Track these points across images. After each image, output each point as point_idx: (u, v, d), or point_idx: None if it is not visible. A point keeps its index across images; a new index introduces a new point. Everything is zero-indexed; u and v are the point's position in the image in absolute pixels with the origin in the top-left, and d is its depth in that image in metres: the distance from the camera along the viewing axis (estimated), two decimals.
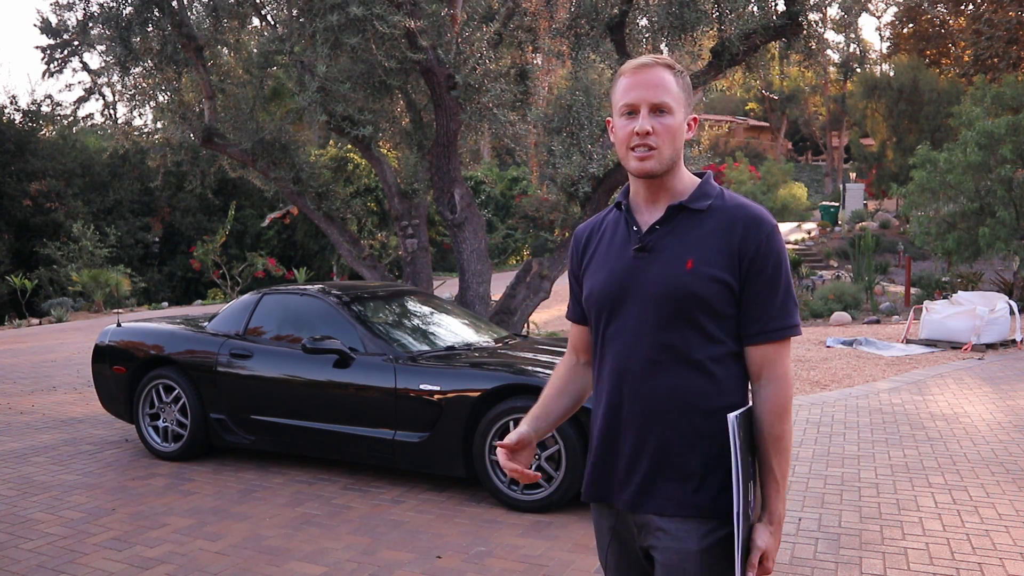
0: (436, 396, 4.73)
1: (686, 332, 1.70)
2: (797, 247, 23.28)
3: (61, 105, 27.15)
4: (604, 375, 1.80)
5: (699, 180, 1.81)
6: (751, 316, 1.72)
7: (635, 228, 1.78)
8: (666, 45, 7.75)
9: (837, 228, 26.29)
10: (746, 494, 1.66)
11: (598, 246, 1.85)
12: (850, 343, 10.27)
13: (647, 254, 1.74)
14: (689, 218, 1.74)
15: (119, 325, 6.08)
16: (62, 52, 8.47)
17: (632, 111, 1.73)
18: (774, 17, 7.33)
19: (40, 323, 16.55)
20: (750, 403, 1.76)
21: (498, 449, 1.87)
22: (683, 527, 1.69)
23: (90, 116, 37.22)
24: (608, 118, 1.84)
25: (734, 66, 7.79)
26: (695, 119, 1.81)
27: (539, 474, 2.02)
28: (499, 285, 9.47)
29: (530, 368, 4.71)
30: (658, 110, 1.72)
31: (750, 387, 1.78)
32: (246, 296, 5.95)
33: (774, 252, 1.72)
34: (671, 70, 1.75)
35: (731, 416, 1.65)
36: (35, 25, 8.46)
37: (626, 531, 1.80)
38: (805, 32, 7.47)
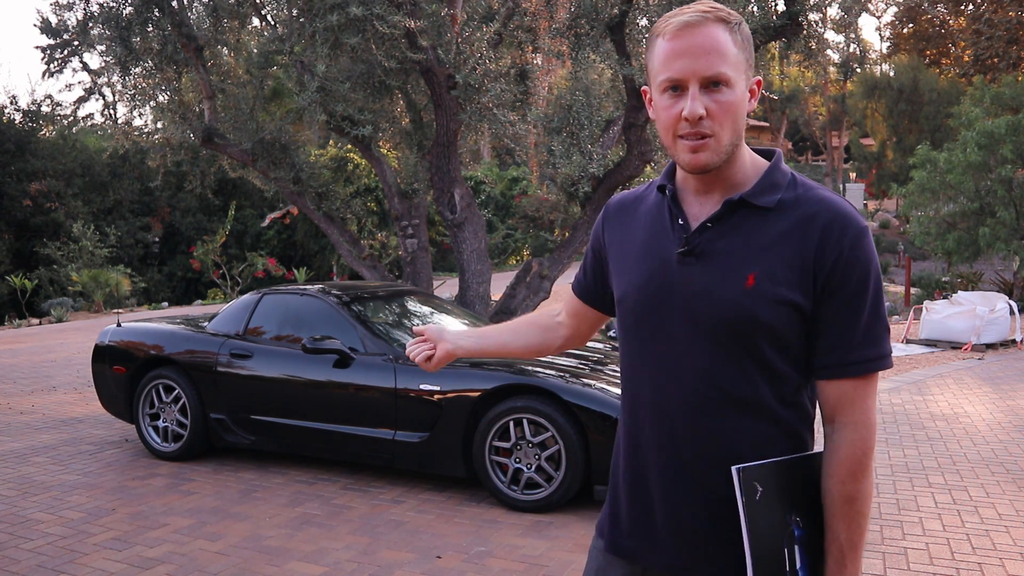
0: (436, 396, 4.73)
1: (744, 365, 1.35)
2: None
3: (61, 105, 27.18)
4: (640, 405, 1.45)
5: (766, 164, 1.42)
6: (827, 343, 1.34)
7: (680, 222, 1.40)
8: None
9: None
10: (781, 565, 1.33)
11: (632, 233, 1.49)
12: None
13: (695, 260, 1.37)
14: (752, 217, 1.36)
15: (119, 325, 6.08)
16: (62, 52, 8.47)
17: (677, 86, 1.33)
18: (774, 17, 7.33)
19: (40, 323, 16.55)
20: (813, 449, 1.43)
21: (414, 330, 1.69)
22: None
23: (90, 116, 37.27)
24: (644, 87, 1.45)
25: None
26: (759, 82, 1.40)
27: (429, 351, 1.74)
28: (499, 285, 9.48)
29: (530, 368, 4.71)
30: (712, 83, 1.32)
31: (822, 431, 1.42)
32: (246, 296, 5.95)
33: (861, 262, 1.32)
34: (726, 24, 1.33)
35: (735, 468, 1.32)
36: (35, 25, 8.47)
37: None
38: (805, 32, 7.47)
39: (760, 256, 1.34)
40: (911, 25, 34.96)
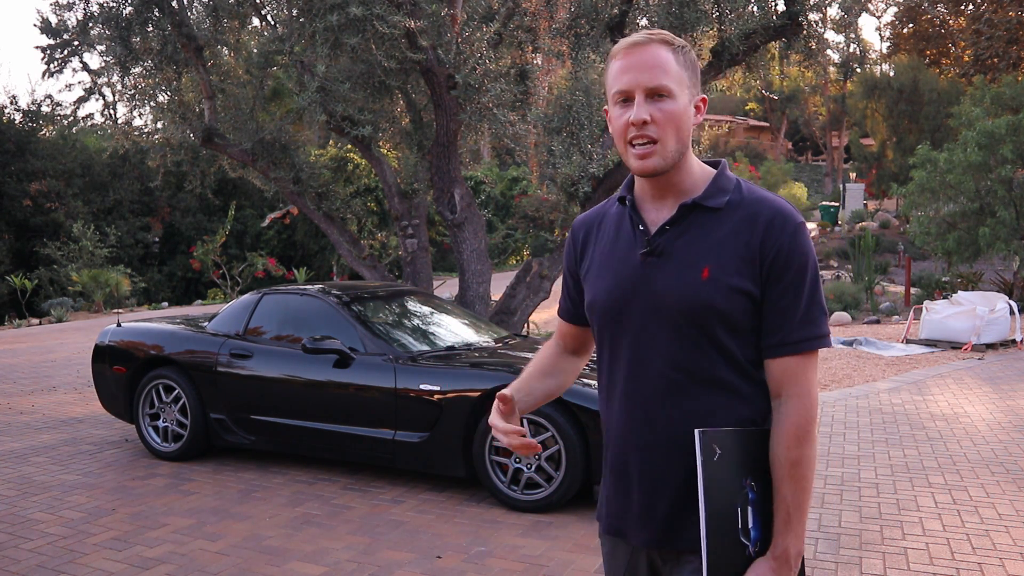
0: (436, 396, 4.73)
1: (705, 349, 1.52)
2: None
3: (61, 105, 27.15)
4: (615, 397, 1.61)
5: (713, 172, 1.60)
6: (772, 325, 1.52)
7: (641, 228, 1.57)
8: None
9: (837, 228, 26.29)
10: (734, 522, 1.48)
11: (598, 245, 1.66)
12: (850, 343, 10.27)
13: (656, 259, 1.54)
14: (704, 217, 1.54)
15: (119, 325, 6.08)
16: (62, 52, 8.47)
17: (627, 98, 1.52)
18: (774, 17, 7.33)
19: (40, 323, 16.55)
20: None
21: (495, 406, 1.65)
22: None
23: (90, 116, 37.27)
24: (606, 107, 1.63)
25: (734, 66, 7.79)
26: (703, 100, 1.57)
27: (537, 446, 1.67)
28: (499, 285, 9.47)
29: None
30: (656, 95, 1.50)
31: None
32: (246, 296, 5.95)
33: (799, 253, 1.51)
34: (669, 46, 1.53)
35: (698, 432, 1.47)
36: (35, 25, 8.47)
37: (643, 566, 1.64)
38: (805, 32, 7.47)
39: (712, 251, 1.51)
40: (911, 25, 34.96)
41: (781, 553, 1.50)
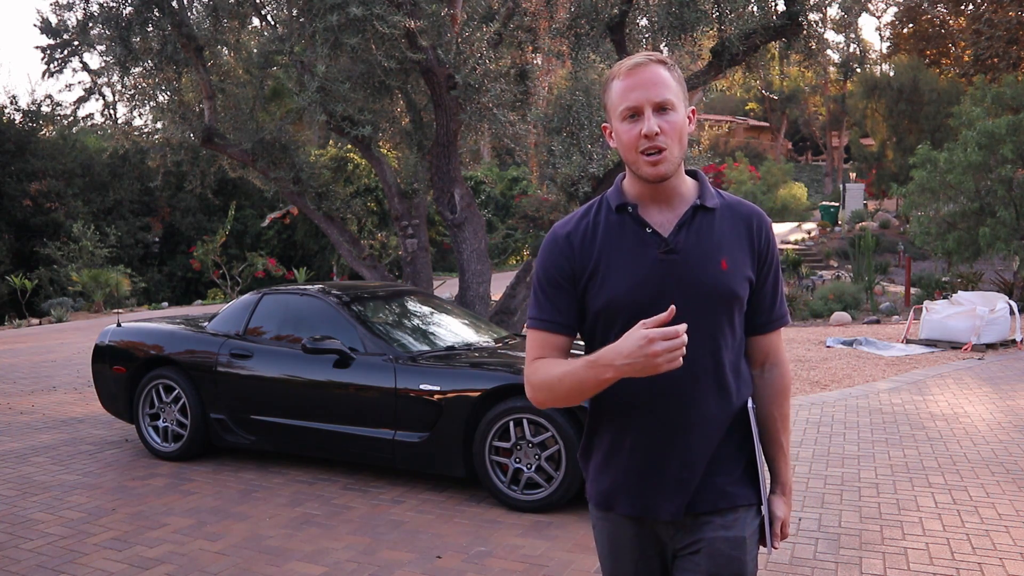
0: (436, 396, 4.73)
1: (725, 331, 1.73)
2: (797, 247, 23.25)
3: (61, 105, 27.13)
4: (638, 385, 1.69)
5: (695, 177, 1.82)
6: (763, 307, 1.80)
7: (649, 230, 1.72)
8: (666, 45, 7.74)
9: (837, 228, 26.29)
10: (763, 472, 1.80)
11: (603, 250, 1.74)
12: (850, 343, 10.27)
13: (676, 256, 1.70)
14: (707, 217, 1.75)
15: (119, 325, 6.08)
16: (62, 52, 8.46)
17: (635, 113, 1.68)
18: (774, 17, 7.33)
19: (40, 323, 16.55)
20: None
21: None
22: (731, 516, 1.74)
23: (90, 116, 37.24)
24: (604, 124, 1.78)
25: (734, 66, 7.78)
26: (693, 111, 1.77)
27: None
28: (499, 285, 9.48)
29: None
30: (662, 108, 1.67)
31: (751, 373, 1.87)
32: (246, 296, 5.95)
33: (775, 246, 1.81)
34: (665, 66, 1.71)
35: (751, 405, 1.77)
36: (35, 25, 8.46)
37: (650, 540, 1.80)
38: (805, 32, 7.46)
39: (723, 246, 1.73)
40: (911, 25, 34.96)
41: (788, 488, 1.89)
